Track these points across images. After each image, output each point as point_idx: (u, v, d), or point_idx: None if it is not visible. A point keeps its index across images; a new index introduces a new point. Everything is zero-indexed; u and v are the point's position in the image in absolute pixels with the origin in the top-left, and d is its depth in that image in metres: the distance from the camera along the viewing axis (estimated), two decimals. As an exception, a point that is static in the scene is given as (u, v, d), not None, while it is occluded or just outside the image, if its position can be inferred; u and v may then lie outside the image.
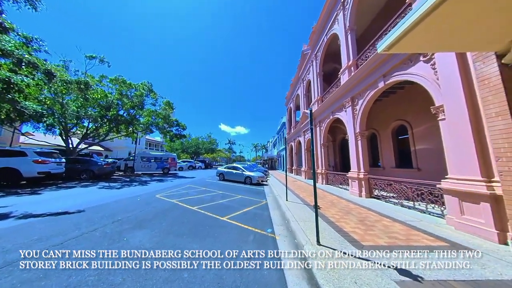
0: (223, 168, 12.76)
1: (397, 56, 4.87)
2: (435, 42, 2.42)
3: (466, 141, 3.25)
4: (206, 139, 39.82)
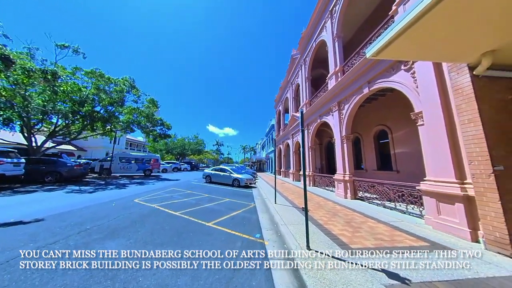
0: (210, 170, 12.33)
1: (380, 64, 5.13)
2: (416, 52, 2.59)
3: (442, 145, 3.49)
4: (193, 140, 38.43)
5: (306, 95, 11.67)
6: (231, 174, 10.90)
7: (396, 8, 4.59)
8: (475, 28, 2.12)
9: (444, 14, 1.85)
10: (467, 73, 2.95)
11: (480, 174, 2.77)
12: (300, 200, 6.50)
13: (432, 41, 2.32)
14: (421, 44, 2.35)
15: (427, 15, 1.84)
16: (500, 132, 2.75)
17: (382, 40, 2.31)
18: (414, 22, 1.93)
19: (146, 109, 16.06)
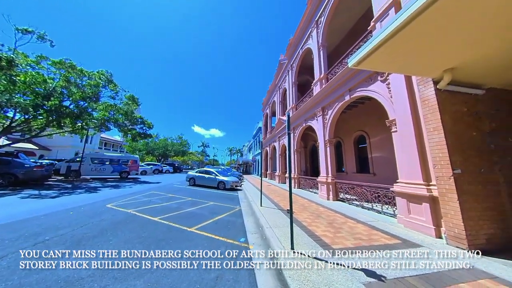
0: (194, 172, 11.85)
1: (360, 74, 5.53)
2: (390, 64, 2.86)
3: (412, 150, 3.85)
4: (176, 140, 36.63)
5: (292, 99, 12.02)
6: (216, 177, 10.62)
7: (374, 24, 5.01)
8: (437, 48, 2.43)
9: (411, 34, 2.13)
10: (432, 87, 3.32)
11: (442, 177, 3.10)
12: (285, 202, 6.58)
13: (403, 56, 2.61)
14: (394, 58, 2.63)
15: (398, 34, 2.12)
16: (457, 140, 3.13)
17: (361, 52, 2.53)
18: (387, 40, 2.21)
19: (125, 106, 14.91)
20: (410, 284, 1.98)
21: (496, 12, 1.89)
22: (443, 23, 2.01)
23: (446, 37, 2.23)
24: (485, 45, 2.39)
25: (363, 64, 2.76)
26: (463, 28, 2.11)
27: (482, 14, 1.92)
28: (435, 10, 1.83)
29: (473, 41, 2.31)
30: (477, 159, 3.13)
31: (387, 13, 4.65)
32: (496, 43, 2.33)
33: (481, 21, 2.00)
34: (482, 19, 1.98)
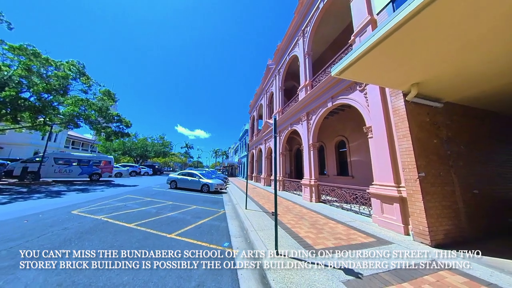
0: (176, 175, 11.26)
1: (342, 83, 5.92)
2: (367, 76, 3.13)
3: (385, 155, 4.22)
4: (158, 140, 34.46)
5: (279, 103, 12.31)
6: (200, 179, 10.24)
7: (354, 38, 5.45)
8: (406, 64, 2.75)
9: (384, 51, 2.42)
10: (402, 98, 3.71)
11: (410, 179, 3.45)
12: (270, 204, 6.63)
13: (377, 70, 2.91)
14: (370, 71, 2.92)
15: (372, 50, 2.42)
16: (422, 146, 3.53)
17: (342, 64, 2.76)
18: (364, 54, 2.49)
19: (99, 102, 13.61)
20: (383, 279, 2.13)
21: (451, 39, 2.22)
22: (409, 45, 2.32)
23: (412, 56, 2.56)
24: (442, 66, 2.76)
25: (344, 74, 2.98)
26: (425, 51, 2.43)
27: (439, 40, 2.23)
28: (402, 33, 2.11)
29: (433, 61, 2.67)
30: (437, 163, 3.57)
31: (365, 30, 5.10)
32: (450, 64, 2.72)
33: (439, 46, 2.33)
34: (440, 44, 2.30)
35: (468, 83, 3.26)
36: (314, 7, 8.02)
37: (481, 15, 1.89)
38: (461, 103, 4.12)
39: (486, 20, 1.93)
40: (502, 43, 2.27)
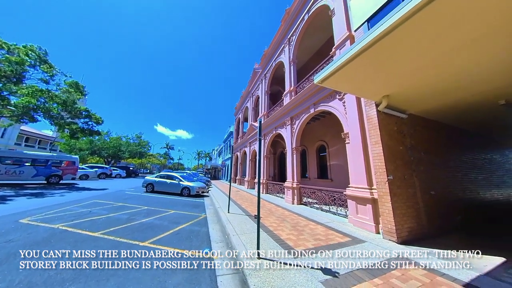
0: (153, 177, 10.46)
1: (323, 91, 6.29)
2: (346, 86, 3.39)
3: (360, 159, 4.57)
4: (134, 140, 31.71)
5: (264, 107, 12.50)
6: (180, 182, 9.68)
7: (335, 51, 5.87)
8: (377, 78, 3.06)
9: (359, 65, 2.68)
10: (374, 108, 4.09)
11: (380, 182, 3.78)
12: (253, 207, 6.58)
13: (353, 81, 3.17)
14: (347, 81, 3.17)
15: (349, 64, 2.63)
16: (390, 152, 3.92)
17: (324, 73, 2.96)
18: (342, 66, 2.71)
19: (64, 94, 12.05)
20: (358, 277, 2.26)
21: (413, 59, 2.54)
22: (379, 62, 2.61)
23: (382, 72, 2.86)
24: (406, 81, 3.14)
25: (325, 83, 3.17)
26: (392, 68, 2.74)
27: (403, 60, 2.55)
28: (372, 52, 2.38)
29: (399, 77, 3.02)
30: (403, 168, 3.99)
31: (344, 44, 5.54)
32: (413, 80, 3.10)
33: (404, 65, 2.66)
34: (404, 63, 2.62)
35: (428, 97, 3.76)
36: (300, 18, 8.46)
37: (437, 41, 2.21)
38: (421, 116, 4.71)
39: (443, 43, 2.26)
40: (458, 63, 2.68)
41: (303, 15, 8.19)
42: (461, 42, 2.22)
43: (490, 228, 4.80)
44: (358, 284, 2.12)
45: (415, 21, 1.90)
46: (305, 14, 8.01)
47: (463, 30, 2.03)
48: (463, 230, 4.41)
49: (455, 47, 2.30)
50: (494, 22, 1.92)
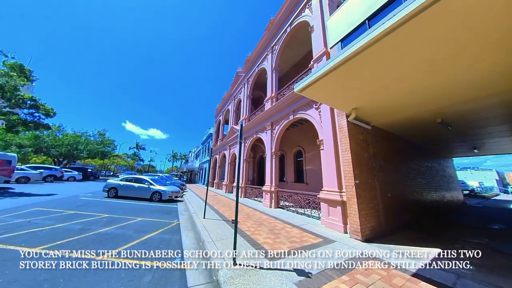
0: (117, 180, 9.26)
1: (301, 100, 6.70)
2: (321, 97, 3.68)
3: (332, 164, 4.96)
4: (95, 137, 27.61)
5: (246, 111, 12.57)
6: (150, 186, 8.81)
7: (313, 64, 6.36)
8: (347, 93, 3.42)
9: (331, 80, 2.97)
10: (345, 119, 4.54)
11: (349, 185, 4.17)
12: (231, 212, 6.42)
13: (327, 93, 3.50)
14: (322, 93, 3.48)
15: (323, 79, 2.93)
16: (357, 159, 4.38)
17: (302, 83, 3.19)
18: (317, 80, 3.02)
19: (1, 78, 9.86)
20: (328, 275, 2.40)
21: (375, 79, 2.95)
22: (348, 79, 2.94)
23: (351, 88, 3.23)
24: (370, 98, 3.60)
25: (304, 92, 3.39)
26: (358, 85, 3.12)
27: (367, 79, 2.93)
28: (342, 69, 2.69)
29: (365, 94, 3.44)
30: (366, 173, 4.49)
31: (321, 59, 6.06)
32: (375, 97, 3.58)
33: (367, 83, 3.05)
34: (368, 82, 3.01)
35: (387, 112, 4.36)
36: (283, 30, 8.93)
37: (392, 68, 2.62)
38: (382, 128, 5.43)
39: (397, 69, 2.68)
40: (408, 86, 3.19)
41: (285, 27, 8.68)
42: (410, 70, 2.69)
43: (430, 224, 5.75)
44: (328, 282, 2.25)
45: (375, 48, 2.25)
46: (288, 26, 8.50)
47: (411, 61, 2.48)
48: (411, 226, 5.18)
49: (406, 73, 2.77)
50: (434, 58, 2.40)
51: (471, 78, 2.88)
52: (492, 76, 2.81)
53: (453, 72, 2.72)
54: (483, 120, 4.98)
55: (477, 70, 2.66)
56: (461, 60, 2.45)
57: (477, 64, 2.52)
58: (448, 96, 3.50)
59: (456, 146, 8.27)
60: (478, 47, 2.21)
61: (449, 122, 4.97)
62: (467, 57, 2.39)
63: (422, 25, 1.91)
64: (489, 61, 2.45)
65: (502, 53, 2.31)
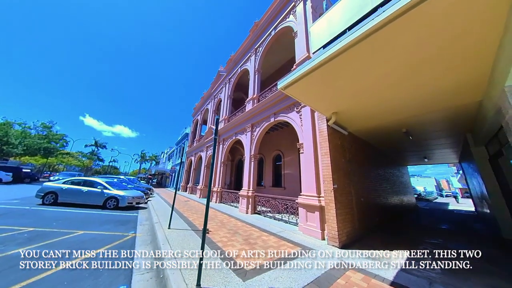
0: (58, 183, 7.44)
1: (283, 102, 6.62)
2: (303, 97, 3.53)
3: (311, 168, 4.88)
4: (38, 130, 22.47)
5: (226, 111, 12.04)
6: (104, 190, 7.34)
7: (296, 67, 6.37)
8: (326, 95, 3.38)
9: (312, 81, 2.89)
10: (325, 123, 4.53)
11: (327, 190, 4.09)
12: (202, 220, 5.73)
13: (309, 94, 3.40)
14: (305, 93, 3.38)
15: (305, 78, 2.84)
16: (335, 164, 4.38)
17: (287, 80, 3.03)
18: (300, 78, 2.88)
19: None
20: (308, 293, 2.11)
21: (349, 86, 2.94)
22: (328, 80, 2.90)
23: (330, 89, 3.18)
24: (347, 103, 3.62)
25: (287, 90, 3.19)
26: (337, 88, 3.08)
27: (342, 86, 2.91)
28: (322, 70, 2.65)
29: (342, 98, 3.43)
30: (343, 178, 4.52)
31: (304, 63, 6.12)
32: (350, 102, 3.61)
33: (343, 90, 3.04)
34: (343, 88, 2.99)
35: (361, 119, 4.51)
36: (267, 33, 8.92)
37: (364, 74, 2.67)
38: (356, 134, 5.68)
39: (368, 77, 2.74)
40: (379, 94, 3.28)
41: (270, 30, 8.68)
42: (376, 81, 2.80)
43: (394, 226, 6.19)
44: (309, 303, 1.95)
45: (348, 54, 2.27)
46: (272, 30, 8.52)
47: (380, 71, 2.58)
48: (379, 229, 5.44)
49: (374, 83, 2.88)
50: (393, 73, 2.52)
51: (425, 94, 3.17)
52: (437, 95, 3.17)
53: (411, 87, 2.96)
54: (437, 132, 5.67)
55: (429, 88, 2.96)
56: (414, 79, 2.71)
57: (432, 81, 2.78)
58: (409, 108, 3.78)
59: (412, 155, 9.42)
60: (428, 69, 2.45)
61: (411, 132, 5.50)
62: (419, 77, 2.65)
63: (377, 43, 2.06)
64: (439, 81, 2.74)
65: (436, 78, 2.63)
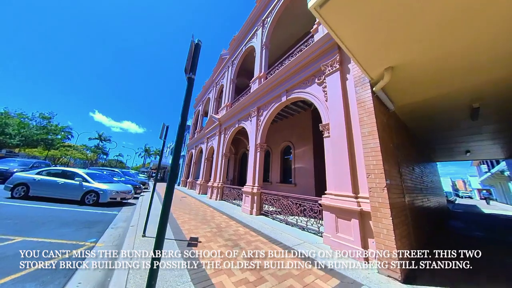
0: (30, 174, 6.34)
1: (298, 75, 5.15)
2: (348, 30, 2.01)
3: (343, 157, 3.45)
4: (37, 121, 21.95)
5: (228, 97, 10.67)
6: (82, 183, 6.20)
7: (317, 27, 4.86)
8: (386, 39, 1.90)
9: None
10: (369, 89, 3.06)
11: (375, 188, 2.67)
12: (196, 222, 4.48)
13: (358, 25, 1.90)
14: (349, 22, 1.90)
15: None
16: (385, 149, 2.93)
17: None
18: None
19: None
20: None
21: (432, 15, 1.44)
22: None
23: (395, 14, 1.66)
24: (410, 51, 2.11)
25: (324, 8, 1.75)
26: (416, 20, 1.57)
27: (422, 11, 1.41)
28: None
29: (403, 42, 1.92)
30: (394, 170, 3.08)
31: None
32: (415, 51, 2.09)
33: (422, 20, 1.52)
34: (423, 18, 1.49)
35: (420, 85, 3.00)
36: (277, -2, 7.35)
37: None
38: (398, 114, 4.14)
39: None
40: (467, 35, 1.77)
41: (282, -9, 7.10)
42: None
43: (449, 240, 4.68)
44: None
45: None
46: (284, -10, 6.94)
47: None
48: (434, 243, 3.97)
49: None
50: None
51: None
52: None
53: None
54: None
55: None
56: None
57: None
58: (494, 66, 2.25)
59: (455, 147, 7.68)
60: None
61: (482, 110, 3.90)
62: None
63: None
64: None
65: None
